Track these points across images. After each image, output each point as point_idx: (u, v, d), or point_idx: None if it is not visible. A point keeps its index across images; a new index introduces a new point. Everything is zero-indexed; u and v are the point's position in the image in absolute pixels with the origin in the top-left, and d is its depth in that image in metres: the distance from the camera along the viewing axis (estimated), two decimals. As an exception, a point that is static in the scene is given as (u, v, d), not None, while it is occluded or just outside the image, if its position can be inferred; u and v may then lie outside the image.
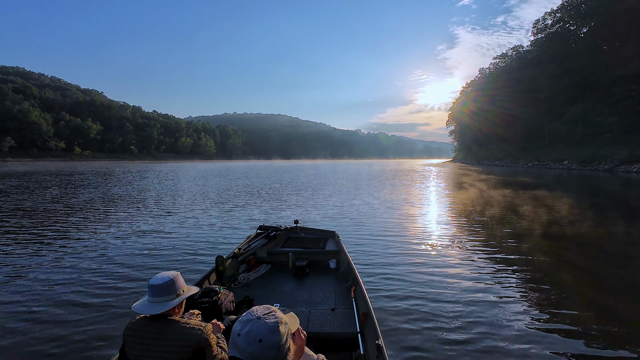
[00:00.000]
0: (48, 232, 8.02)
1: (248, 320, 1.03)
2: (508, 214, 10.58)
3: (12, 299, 4.23)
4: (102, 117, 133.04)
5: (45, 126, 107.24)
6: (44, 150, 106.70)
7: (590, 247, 6.98)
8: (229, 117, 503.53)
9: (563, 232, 8.17)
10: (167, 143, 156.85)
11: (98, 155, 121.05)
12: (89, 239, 7.42)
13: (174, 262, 5.74)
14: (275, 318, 1.05)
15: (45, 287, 4.61)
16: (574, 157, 44.11)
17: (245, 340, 0.99)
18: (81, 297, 4.24)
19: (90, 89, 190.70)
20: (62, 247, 6.69)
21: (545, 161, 49.86)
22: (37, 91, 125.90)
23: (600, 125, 44.44)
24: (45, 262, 5.76)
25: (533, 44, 65.71)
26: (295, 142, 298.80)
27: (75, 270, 5.30)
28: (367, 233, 7.90)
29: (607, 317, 3.75)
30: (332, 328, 2.71)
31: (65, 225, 8.90)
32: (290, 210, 11.51)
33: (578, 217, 10.10)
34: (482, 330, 3.40)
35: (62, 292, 4.41)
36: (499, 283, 4.74)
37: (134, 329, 1.62)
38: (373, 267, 5.39)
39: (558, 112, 54.86)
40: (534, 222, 9.23)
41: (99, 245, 6.88)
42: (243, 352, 0.98)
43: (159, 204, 13.13)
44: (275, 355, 1.00)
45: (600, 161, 38.53)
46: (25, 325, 3.54)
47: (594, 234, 8.01)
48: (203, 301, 2.63)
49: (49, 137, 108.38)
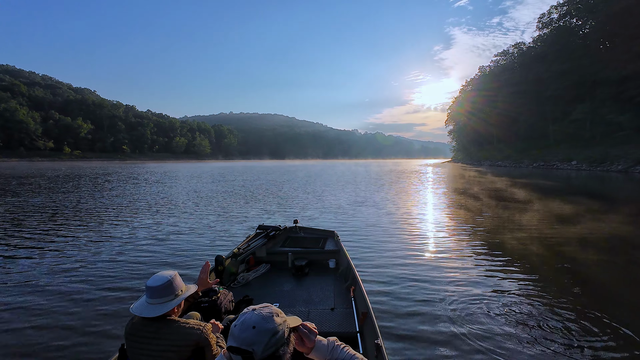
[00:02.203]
0: (46, 233, 7.84)
1: (244, 313, 1.09)
2: (534, 220, 9.22)
3: (13, 298, 4.20)
4: (93, 116, 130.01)
5: (33, 125, 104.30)
6: (32, 150, 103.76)
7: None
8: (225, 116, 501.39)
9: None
10: (160, 143, 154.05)
11: (88, 155, 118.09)
12: (86, 239, 7.27)
13: (173, 262, 5.73)
14: (270, 310, 1.09)
15: (45, 287, 4.58)
16: (583, 157, 42.11)
17: (240, 329, 1.03)
18: (80, 297, 4.23)
19: (83, 88, 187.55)
20: (61, 248, 6.59)
21: (552, 161, 47.89)
22: (25, 89, 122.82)
23: (610, 124, 42.39)
24: (45, 262, 5.70)
25: (537, 40, 63.65)
26: (292, 142, 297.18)
27: (75, 271, 5.26)
28: (366, 233, 7.84)
29: (607, 315, 3.65)
30: (331, 327, 2.69)
31: (62, 226, 8.62)
32: (291, 210, 11.35)
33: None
34: (483, 331, 3.35)
35: (62, 292, 4.38)
36: (501, 285, 4.62)
37: (134, 329, 1.63)
38: (372, 266, 5.39)
39: (564, 110, 52.82)
40: (581, 231, 7.76)
41: (98, 245, 6.78)
42: (238, 339, 1.02)
43: (157, 204, 12.72)
44: (269, 341, 1.02)
45: (613, 161, 36.47)
46: (24, 324, 3.54)
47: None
48: (202, 301, 2.55)
49: (37, 136, 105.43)
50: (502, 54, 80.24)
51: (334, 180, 26.43)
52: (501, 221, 9.20)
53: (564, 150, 48.96)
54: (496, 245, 6.77)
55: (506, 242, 6.91)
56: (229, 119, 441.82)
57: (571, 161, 43.85)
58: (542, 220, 9.19)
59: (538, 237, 7.30)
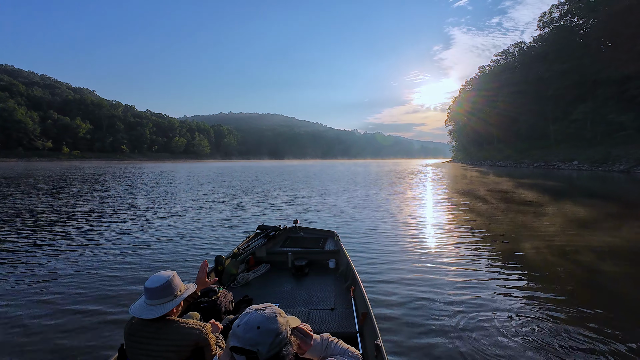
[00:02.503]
0: (45, 234, 7.78)
1: (247, 313, 1.09)
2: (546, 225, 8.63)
3: (12, 300, 4.17)
4: (92, 115, 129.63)
5: (32, 125, 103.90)
6: (30, 150, 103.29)
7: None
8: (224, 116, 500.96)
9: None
10: (159, 142, 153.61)
11: (87, 155, 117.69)
12: (85, 240, 7.17)
13: (172, 262, 5.69)
14: (274, 310, 1.10)
15: (46, 287, 4.53)
16: (584, 157, 41.75)
17: (244, 329, 1.03)
18: (80, 297, 4.21)
19: (82, 88, 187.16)
20: (61, 249, 6.52)
21: (553, 161, 47.54)
22: (24, 89, 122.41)
23: (611, 123, 41.98)
24: (43, 263, 5.63)
25: (537, 40, 63.26)
26: (292, 142, 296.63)
27: (74, 271, 5.21)
28: (366, 233, 7.77)
29: (607, 315, 3.63)
30: (331, 328, 2.69)
31: (61, 227, 8.56)
32: (291, 211, 11.26)
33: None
34: (484, 331, 3.33)
35: (62, 293, 4.34)
36: (503, 286, 4.55)
37: (133, 329, 1.63)
38: (372, 267, 5.35)
39: (564, 110, 52.44)
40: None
41: (97, 245, 6.72)
42: (241, 339, 1.02)
43: (157, 204, 12.60)
44: (273, 341, 1.02)
45: (615, 161, 36.12)
46: (23, 325, 3.53)
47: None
48: (202, 301, 2.54)
49: (35, 136, 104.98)
50: (502, 53, 79.87)
51: (334, 179, 26.11)
52: (510, 225, 8.79)
53: (565, 150, 48.59)
54: (502, 249, 6.45)
55: (512, 246, 6.59)
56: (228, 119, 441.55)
57: (572, 161, 43.48)
58: (555, 225, 8.66)
59: (551, 243, 6.78)
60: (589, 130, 47.44)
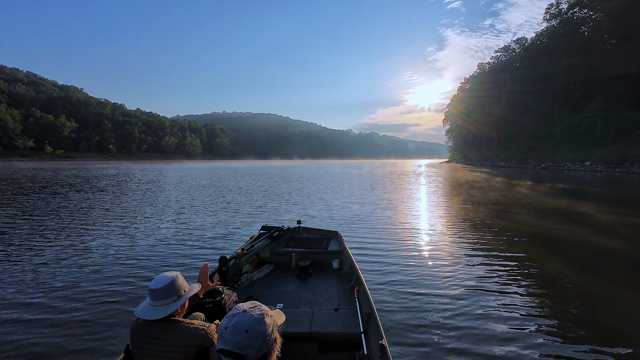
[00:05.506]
0: (48, 235, 7.57)
1: (234, 315, 1.06)
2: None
3: (17, 299, 4.15)
4: (78, 114, 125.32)
5: (12, 123, 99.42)
6: (11, 149, 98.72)
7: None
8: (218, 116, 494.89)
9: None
10: (149, 142, 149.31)
11: (72, 154, 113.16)
12: (87, 241, 7.02)
13: (177, 263, 5.65)
14: (261, 310, 1.08)
15: (50, 289, 4.47)
16: (597, 158, 38.99)
17: (232, 332, 1.01)
18: (84, 298, 4.19)
19: (69, 85, 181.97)
20: (64, 249, 6.41)
21: (562, 162, 44.84)
22: (5, 85, 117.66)
23: (627, 122, 39.23)
24: (49, 264, 5.50)
25: (541, 34, 60.56)
26: (285, 142, 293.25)
27: (78, 271, 5.16)
28: (370, 233, 7.67)
29: (608, 318, 3.62)
30: (335, 328, 2.68)
31: (63, 228, 8.28)
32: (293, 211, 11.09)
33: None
34: (488, 332, 3.30)
35: (67, 294, 4.30)
36: (509, 286, 4.47)
37: (138, 330, 1.65)
38: (376, 267, 5.27)
39: (572, 108, 49.72)
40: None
41: (101, 247, 6.60)
42: (230, 343, 1.00)
43: (162, 205, 12.34)
44: (262, 344, 1.02)
45: (634, 162, 33.38)
46: (29, 325, 3.52)
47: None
48: (206, 302, 2.52)
49: (15, 134, 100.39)
50: (502, 49, 77.34)
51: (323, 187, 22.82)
52: (528, 229, 8.23)
53: (574, 150, 45.89)
54: (514, 255, 5.97)
55: (528, 254, 6.04)
56: (221, 118, 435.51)
57: (584, 162, 40.75)
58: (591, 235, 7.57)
59: (573, 255, 6.16)
60: (599, 129, 44.73)
